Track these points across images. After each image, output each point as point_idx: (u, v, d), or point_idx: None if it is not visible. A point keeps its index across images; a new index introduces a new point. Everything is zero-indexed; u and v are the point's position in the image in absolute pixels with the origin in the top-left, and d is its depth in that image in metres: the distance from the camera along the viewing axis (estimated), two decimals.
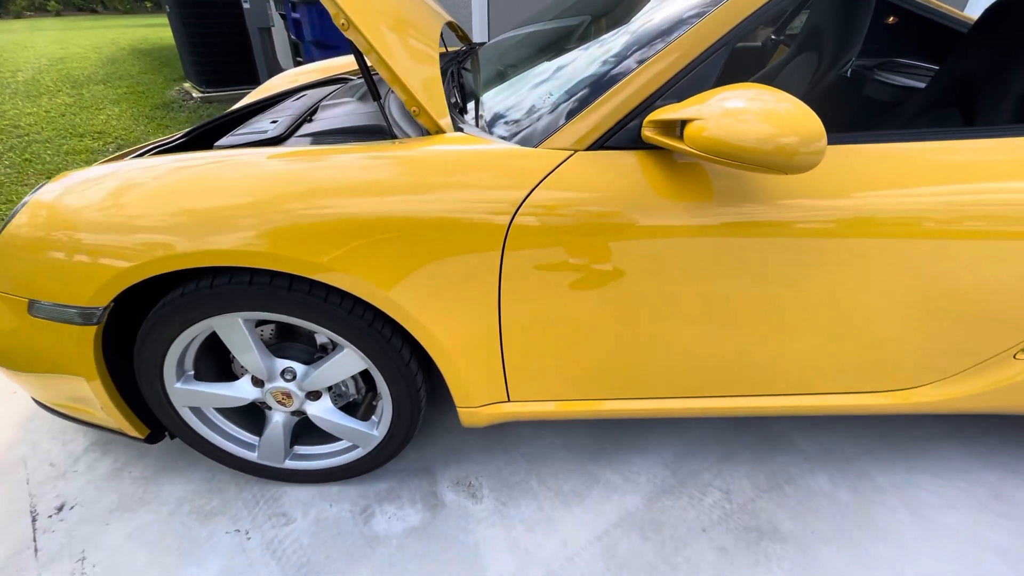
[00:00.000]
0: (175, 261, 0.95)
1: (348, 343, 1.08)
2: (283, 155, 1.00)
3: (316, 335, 1.18)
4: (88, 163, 3.52)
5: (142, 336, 1.07)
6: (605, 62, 1.02)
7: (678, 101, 0.94)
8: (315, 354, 1.18)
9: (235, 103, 5.22)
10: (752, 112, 0.80)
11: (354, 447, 1.29)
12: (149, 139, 3.98)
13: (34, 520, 1.26)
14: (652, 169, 0.95)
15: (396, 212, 0.94)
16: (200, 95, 5.04)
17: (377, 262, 0.96)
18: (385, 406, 1.20)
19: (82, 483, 1.35)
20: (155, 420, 1.27)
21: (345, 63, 2.23)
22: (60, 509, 1.29)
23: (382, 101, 1.27)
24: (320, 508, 1.29)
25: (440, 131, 1.03)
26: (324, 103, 1.49)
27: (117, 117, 4.49)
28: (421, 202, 0.94)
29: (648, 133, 0.92)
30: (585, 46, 1.18)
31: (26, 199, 1.07)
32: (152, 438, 1.26)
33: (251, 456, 1.28)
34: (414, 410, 1.20)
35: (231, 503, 1.30)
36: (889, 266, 1.01)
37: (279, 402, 1.19)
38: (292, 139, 1.23)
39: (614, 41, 1.09)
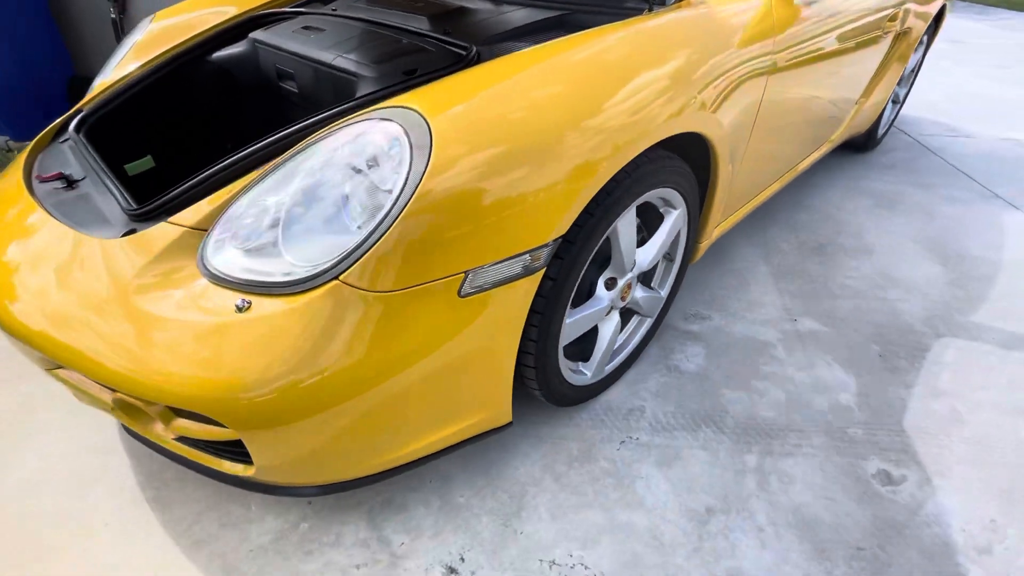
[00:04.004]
0: (661, 131, 0.95)
1: (684, 204, 1.20)
2: (634, 34, 1.01)
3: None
4: None
5: (570, 259, 0.93)
6: None
7: None
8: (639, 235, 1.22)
9: None
10: None
11: (643, 321, 1.38)
12: None
13: None
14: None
15: (728, 62, 1.12)
16: None
17: (724, 107, 1.13)
18: (675, 265, 1.35)
19: (424, 554, 1.04)
20: None
21: None
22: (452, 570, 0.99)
23: None
24: (644, 385, 1.38)
25: None
26: (460, 15, 1.25)
27: None
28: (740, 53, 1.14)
29: None
30: None
31: (401, 138, 0.75)
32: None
33: (583, 380, 1.24)
34: (687, 263, 1.40)
35: (584, 436, 1.25)
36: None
37: (621, 297, 1.20)
38: (490, 48, 1.09)
39: None
